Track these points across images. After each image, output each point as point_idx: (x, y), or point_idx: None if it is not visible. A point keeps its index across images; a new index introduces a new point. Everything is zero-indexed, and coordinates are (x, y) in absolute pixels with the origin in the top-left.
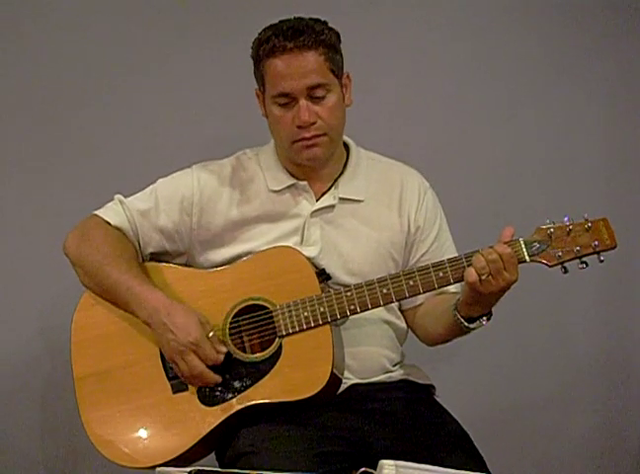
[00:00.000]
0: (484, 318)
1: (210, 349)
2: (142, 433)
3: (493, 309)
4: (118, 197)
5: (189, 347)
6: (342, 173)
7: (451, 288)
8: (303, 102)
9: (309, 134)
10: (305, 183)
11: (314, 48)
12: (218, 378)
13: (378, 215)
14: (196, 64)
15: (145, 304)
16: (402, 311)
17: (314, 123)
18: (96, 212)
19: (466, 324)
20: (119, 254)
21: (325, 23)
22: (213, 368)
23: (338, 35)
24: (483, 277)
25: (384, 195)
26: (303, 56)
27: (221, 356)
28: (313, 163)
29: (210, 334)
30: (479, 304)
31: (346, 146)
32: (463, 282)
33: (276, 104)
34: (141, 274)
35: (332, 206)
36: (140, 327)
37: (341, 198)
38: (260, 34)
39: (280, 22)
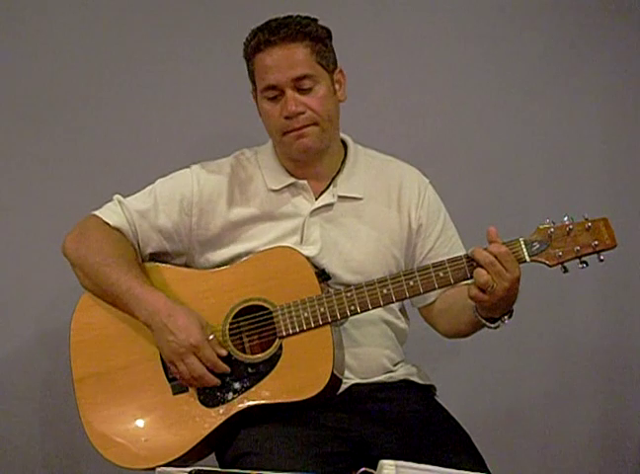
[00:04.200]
0: (505, 317)
1: (211, 351)
2: (143, 434)
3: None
4: (116, 197)
5: (189, 349)
6: (340, 171)
7: None
8: (290, 93)
9: (298, 124)
10: (305, 182)
11: (299, 40)
12: (218, 381)
13: (378, 213)
14: (194, 64)
15: (146, 305)
16: (418, 309)
17: (303, 113)
18: (95, 213)
19: (489, 325)
20: (118, 255)
21: (314, 19)
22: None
23: (328, 31)
24: (489, 289)
25: (383, 192)
26: (288, 48)
27: (220, 360)
28: (305, 155)
29: (211, 337)
30: (497, 308)
31: (343, 144)
32: (468, 282)
33: (265, 98)
34: (142, 275)
35: (331, 205)
36: (140, 328)
37: (340, 197)
38: (248, 34)
39: (269, 20)
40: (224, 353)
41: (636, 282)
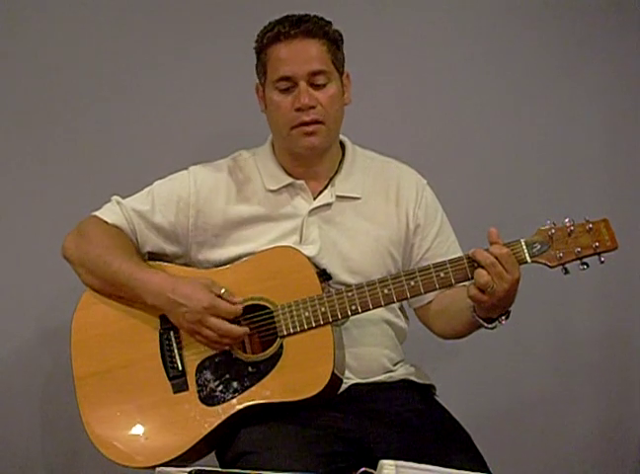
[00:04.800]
0: (502, 317)
1: (226, 304)
2: (143, 432)
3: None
4: (115, 198)
5: (204, 312)
6: (337, 171)
7: None
8: (304, 85)
9: (309, 118)
10: (302, 182)
11: (318, 37)
12: (246, 329)
13: (376, 213)
14: (195, 64)
15: (150, 287)
16: (414, 309)
17: (313, 108)
18: (93, 213)
19: (486, 325)
20: (118, 245)
21: (329, 22)
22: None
23: (341, 35)
24: (489, 290)
25: (381, 192)
26: (307, 42)
27: (239, 307)
28: (310, 152)
29: (222, 290)
30: (495, 308)
31: (341, 145)
32: (468, 283)
33: (276, 89)
34: (142, 261)
35: (329, 204)
36: (141, 326)
37: (338, 196)
38: (264, 26)
39: (287, 15)
40: (240, 299)
41: (636, 282)
